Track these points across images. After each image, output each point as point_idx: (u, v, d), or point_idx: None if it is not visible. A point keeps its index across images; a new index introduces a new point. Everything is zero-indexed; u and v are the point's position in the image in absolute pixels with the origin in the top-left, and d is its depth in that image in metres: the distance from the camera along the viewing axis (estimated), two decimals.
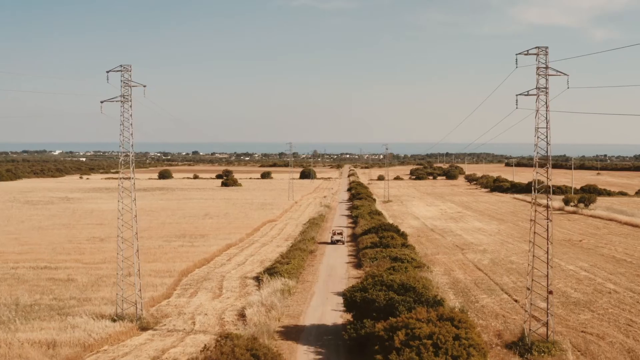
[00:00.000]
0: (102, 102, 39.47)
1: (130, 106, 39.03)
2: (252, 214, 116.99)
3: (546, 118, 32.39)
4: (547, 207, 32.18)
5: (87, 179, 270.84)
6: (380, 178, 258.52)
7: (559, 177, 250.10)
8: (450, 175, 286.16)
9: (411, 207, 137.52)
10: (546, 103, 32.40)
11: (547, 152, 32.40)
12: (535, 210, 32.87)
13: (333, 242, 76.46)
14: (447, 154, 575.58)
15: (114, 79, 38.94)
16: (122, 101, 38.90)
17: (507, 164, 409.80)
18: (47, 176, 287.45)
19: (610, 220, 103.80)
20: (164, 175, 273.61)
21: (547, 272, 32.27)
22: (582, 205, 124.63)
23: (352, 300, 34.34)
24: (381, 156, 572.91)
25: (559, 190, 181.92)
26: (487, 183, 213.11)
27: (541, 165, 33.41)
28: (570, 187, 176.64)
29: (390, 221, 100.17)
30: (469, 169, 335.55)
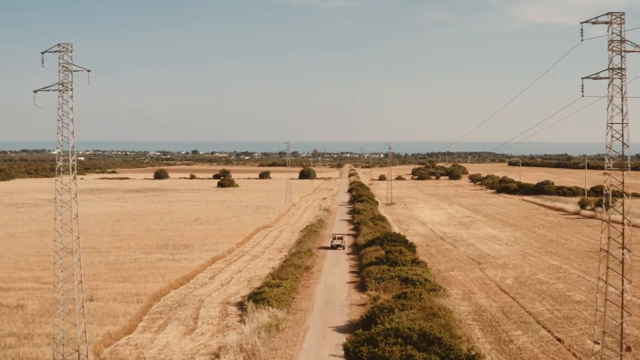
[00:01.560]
0: (35, 91, 30.86)
1: (71, 96, 30.44)
2: (245, 218, 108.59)
3: (622, 109, 23.87)
4: (622, 229, 23.82)
5: (82, 179, 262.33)
6: (382, 178, 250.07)
7: (565, 177, 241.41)
8: (453, 175, 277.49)
9: (416, 210, 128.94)
10: (621, 89, 23.88)
11: (622, 153, 24.01)
12: (609, 237, 24.37)
13: (333, 247, 74.51)
14: (448, 153, 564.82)
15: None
16: (60, 90, 30.26)
17: (511, 163, 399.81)
18: (41, 176, 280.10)
19: (635, 227, 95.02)
20: (159, 175, 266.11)
21: (622, 321, 23.82)
22: (600, 209, 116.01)
23: (356, 356, 25.73)
24: (382, 155, 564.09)
25: (569, 191, 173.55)
26: (492, 184, 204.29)
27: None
28: (582, 189, 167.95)
29: (395, 227, 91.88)
30: (471, 168, 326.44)
